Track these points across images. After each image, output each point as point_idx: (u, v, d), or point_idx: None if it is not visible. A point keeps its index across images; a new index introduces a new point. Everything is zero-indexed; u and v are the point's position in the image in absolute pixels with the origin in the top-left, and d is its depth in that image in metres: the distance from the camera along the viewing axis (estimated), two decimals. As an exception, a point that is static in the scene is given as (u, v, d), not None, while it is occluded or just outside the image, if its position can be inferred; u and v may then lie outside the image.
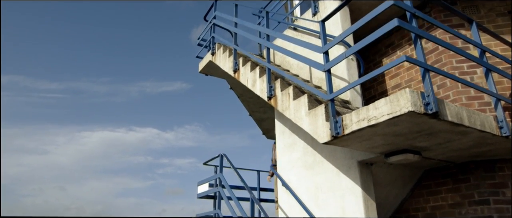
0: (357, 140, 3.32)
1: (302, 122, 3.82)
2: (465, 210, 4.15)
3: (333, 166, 4.45)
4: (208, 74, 7.13)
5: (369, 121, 2.92)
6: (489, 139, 3.34)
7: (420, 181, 4.70)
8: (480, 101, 4.34)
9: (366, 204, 4.02)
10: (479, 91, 4.34)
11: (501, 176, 4.07)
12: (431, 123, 2.86)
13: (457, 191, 4.27)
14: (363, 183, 4.10)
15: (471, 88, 4.43)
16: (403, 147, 3.61)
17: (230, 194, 4.80)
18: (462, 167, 4.27)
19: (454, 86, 4.47)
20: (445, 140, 3.35)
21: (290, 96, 4.13)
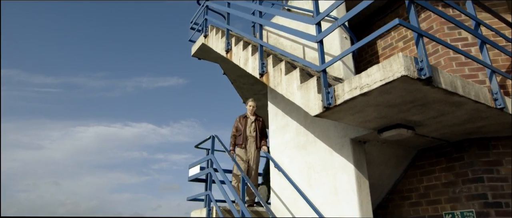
0: (349, 111, 3.25)
1: (294, 97, 3.74)
2: (458, 188, 4.09)
3: (326, 145, 4.38)
4: (200, 58, 7.02)
5: (361, 89, 2.85)
6: (484, 111, 3.28)
7: (413, 161, 4.64)
8: (475, 80, 4.28)
9: (358, 182, 3.96)
10: (474, 70, 4.30)
11: (495, 154, 4.02)
12: (424, 90, 2.78)
13: (450, 169, 4.21)
14: (356, 161, 4.03)
15: (466, 67, 4.37)
16: (396, 122, 3.54)
17: (221, 175, 4.71)
18: (456, 145, 4.21)
19: (448, 65, 4.41)
20: (439, 112, 3.28)
21: (282, 72, 4.04)
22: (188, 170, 5.67)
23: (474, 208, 3.91)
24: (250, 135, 5.71)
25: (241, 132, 5.69)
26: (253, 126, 5.76)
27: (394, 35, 5.32)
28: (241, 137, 5.67)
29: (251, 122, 5.79)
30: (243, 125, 5.74)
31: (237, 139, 5.74)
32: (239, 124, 5.79)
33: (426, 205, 4.39)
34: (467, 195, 4.00)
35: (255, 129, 5.76)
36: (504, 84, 4.20)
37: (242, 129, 5.71)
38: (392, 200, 4.79)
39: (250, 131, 5.74)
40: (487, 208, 3.83)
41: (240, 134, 5.69)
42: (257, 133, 5.73)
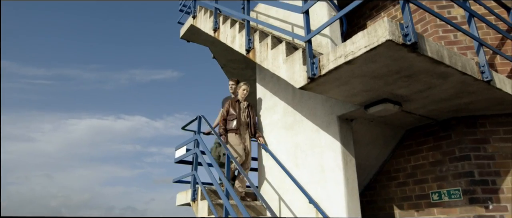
0: (334, 83, 3.18)
1: (280, 70, 3.66)
2: (446, 167, 4.06)
3: (313, 124, 4.32)
4: (189, 41, 6.90)
5: (346, 57, 2.77)
6: (471, 85, 3.23)
7: (401, 141, 4.60)
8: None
9: (345, 160, 3.91)
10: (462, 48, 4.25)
11: (483, 132, 3.98)
12: (410, 58, 2.72)
13: (438, 148, 4.18)
14: (343, 138, 3.97)
15: (455, 46, 4.32)
16: (382, 96, 3.49)
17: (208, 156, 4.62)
18: (444, 124, 4.17)
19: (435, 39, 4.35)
20: (426, 85, 3.22)
21: (268, 47, 3.96)
22: (175, 151, 5.58)
23: (460, 186, 3.88)
24: (244, 121, 5.12)
25: (235, 116, 5.04)
26: (246, 112, 5.17)
27: (383, 16, 5.25)
28: (235, 121, 5.00)
29: (244, 107, 5.20)
30: (236, 109, 5.10)
31: (228, 123, 5.05)
32: (231, 108, 5.13)
33: (413, 184, 4.36)
34: (454, 174, 3.97)
35: (248, 115, 5.17)
36: (493, 63, 4.16)
37: (235, 113, 5.06)
38: (380, 181, 4.76)
39: (244, 116, 5.14)
40: (474, 186, 3.80)
41: (234, 118, 5.02)
42: (250, 121, 5.15)
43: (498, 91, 3.37)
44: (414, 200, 4.31)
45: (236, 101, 5.21)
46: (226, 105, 5.21)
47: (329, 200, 3.90)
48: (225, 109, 5.16)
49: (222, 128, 5.04)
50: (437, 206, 4.07)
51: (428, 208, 4.14)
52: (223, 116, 5.10)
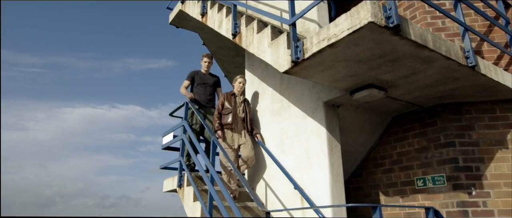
0: (318, 67, 3.14)
1: (265, 54, 3.62)
2: (431, 153, 4.07)
3: (300, 110, 4.30)
4: (178, 26, 6.81)
5: (329, 40, 2.74)
6: (455, 70, 3.21)
7: (388, 128, 4.60)
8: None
9: (330, 146, 3.90)
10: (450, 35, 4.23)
11: (468, 119, 3.99)
12: (393, 42, 2.68)
13: (423, 135, 4.18)
14: (328, 124, 3.96)
15: (443, 33, 4.30)
16: (368, 81, 3.46)
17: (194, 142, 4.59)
18: (430, 110, 4.17)
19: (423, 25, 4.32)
20: (410, 70, 3.20)
21: (254, 31, 3.91)
22: (162, 138, 5.54)
23: (444, 172, 3.90)
24: (240, 117, 4.77)
25: (230, 110, 4.68)
26: (242, 107, 4.82)
27: None
28: (230, 116, 4.65)
29: (240, 101, 4.85)
30: (231, 103, 4.75)
31: (223, 118, 4.72)
32: (227, 102, 4.77)
33: (398, 171, 4.37)
34: (438, 160, 3.98)
35: (244, 110, 4.82)
36: (480, 49, 4.14)
37: (230, 107, 4.71)
38: (366, 168, 4.77)
39: (239, 111, 4.79)
40: (458, 172, 3.82)
41: (229, 113, 4.68)
42: (246, 116, 4.79)
43: (483, 77, 3.36)
44: (399, 187, 4.33)
45: (231, 95, 4.86)
46: (221, 98, 4.87)
47: (313, 185, 3.90)
48: (220, 102, 4.82)
49: (218, 122, 4.70)
50: (421, 192, 4.09)
51: (413, 194, 4.17)
52: (218, 110, 4.79)
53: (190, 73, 5.44)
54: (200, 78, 5.40)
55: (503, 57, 4.03)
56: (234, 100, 4.81)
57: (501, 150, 3.83)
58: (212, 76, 5.56)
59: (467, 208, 3.69)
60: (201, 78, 5.41)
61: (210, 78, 5.49)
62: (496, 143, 3.86)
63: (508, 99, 3.95)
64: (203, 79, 5.41)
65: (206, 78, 5.45)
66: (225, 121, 4.68)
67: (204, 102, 5.30)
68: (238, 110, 4.78)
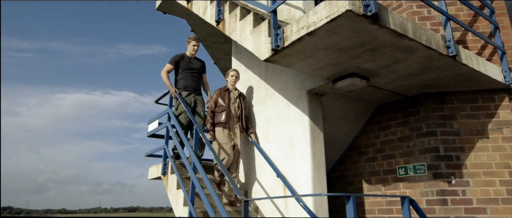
0: (299, 56, 3.11)
1: (247, 42, 3.58)
2: (413, 142, 4.09)
3: (284, 98, 4.29)
4: (166, 12, 6.70)
5: (308, 28, 2.70)
6: (436, 60, 3.20)
7: (372, 117, 4.61)
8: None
9: (313, 134, 3.90)
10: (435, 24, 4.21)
11: (450, 108, 4.00)
12: (372, 31, 2.66)
13: (406, 124, 4.20)
14: (312, 112, 3.95)
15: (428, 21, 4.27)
16: (349, 70, 3.45)
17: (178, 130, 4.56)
18: (413, 100, 4.17)
19: (411, 19, 4.30)
20: (391, 59, 3.19)
21: (237, 18, 3.85)
22: (148, 125, 5.51)
23: (425, 161, 3.93)
24: (235, 114, 4.50)
25: (224, 107, 4.42)
26: (237, 103, 4.54)
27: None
28: (223, 113, 4.38)
29: (234, 97, 4.56)
30: (225, 100, 4.47)
31: (217, 116, 4.45)
32: (220, 98, 4.49)
33: (381, 159, 4.40)
34: (420, 149, 4.01)
35: (239, 106, 4.54)
36: (464, 39, 4.13)
37: (224, 104, 4.43)
38: (350, 156, 4.79)
39: (234, 108, 4.50)
40: (438, 161, 3.85)
41: (223, 110, 4.41)
42: (242, 112, 4.52)
43: (464, 67, 3.36)
44: (381, 175, 4.36)
45: (225, 90, 4.56)
46: (214, 95, 4.59)
47: (296, 173, 3.92)
48: (213, 99, 4.54)
49: (210, 121, 4.43)
50: (403, 180, 4.12)
51: (395, 182, 4.20)
52: (211, 108, 4.52)
53: (174, 58, 4.98)
54: (187, 64, 4.99)
55: (486, 47, 4.03)
56: (228, 96, 4.52)
57: (482, 140, 3.86)
58: (198, 61, 5.17)
59: (446, 196, 3.74)
60: (188, 63, 5.00)
61: (196, 63, 5.09)
62: (477, 133, 3.89)
63: (491, 89, 3.97)
64: (189, 65, 5.01)
65: (193, 63, 5.05)
66: (219, 119, 4.40)
67: (192, 89, 4.94)
68: (233, 107, 4.50)
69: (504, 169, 3.73)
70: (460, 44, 4.04)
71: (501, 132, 3.85)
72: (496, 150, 3.80)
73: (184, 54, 5.05)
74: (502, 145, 3.80)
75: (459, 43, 4.08)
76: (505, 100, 3.93)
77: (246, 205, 2.93)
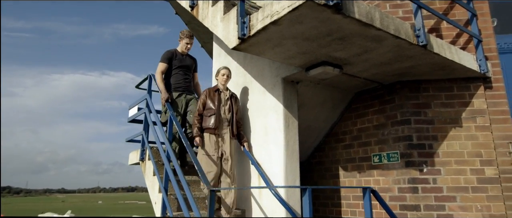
0: (267, 44, 3.07)
1: (217, 29, 3.52)
2: (387, 130, 4.10)
3: (260, 85, 4.26)
4: (147, -5, 6.55)
5: (271, 17, 2.65)
6: (407, 49, 3.17)
7: (350, 104, 4.59)
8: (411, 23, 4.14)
9: (286, 122, 3.89)
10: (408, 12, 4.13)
11: (425, 96, 3.99)
12: (337, 20, 2.61)
13: (382, 112, 4.19)
14: (286, 100, 3.93)
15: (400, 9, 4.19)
16: (321, 59, 3.41)
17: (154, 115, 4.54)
18: (389, 88, 4.15)
19: (382, 6, 4.23)
20: (361, 48, 3.15)
21: (209, 4, 3.78)
22: (128, 110, 5.49)
23: (399, 149, 3.95)
24: (225, 117, 4.03)
25: (213, 111, 3.99)
26: (229, 105, 4.10)
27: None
28: (212, 117, 3.96)
29: (225, 98, 4.12)
30: (215, 102, 4.03)
31: (205, 120, 4.01)
32: (209, 100, 4.06)
33: (357, 147, 4.41)
34: (394, 137, 4.01)
35: (230, 108, 4.10)
36: (438, 27, 4.08)
37: (214, 107, 4.01)
38: (328, 143, 4.81)
39: (224, 111, 4.05)
40: (411, 149, 3.87)
41: (212, 114, 3.98)
42: (233, 115, 4.08)
43: (436, 56, 3.32)
44: (357, 162, 4.39)
45: (215, 91, 4.13)
46: (202, 96, 4.15)
47: (270, 161, 3.93)
48: (201, 101, 4.09)
49: (197, 126, 4.00)
50: (377, 168, 4.15)
51: (369, 170, 4.23)
52: (198, 111, 4.07)
53: (166, 55, 4.54)
54: (179, 61, 4.58)
55: (462, 35, 3.98)
56: (218, 97, 4.08)
57: (455, 128, 3.87)
58: (190, 58, 4.76)
59: (417, 184, 3.77)
60: (180, 61, 4.58)
61: (188, 60, 4.69)
62: (451, 121, 3.89)
63: (467, 78, 3.95)
64: (182, 62, 4.59)
65: (185, 60, 4.64)
66: (207, 124, 3.97)
67: (182, 89, 4.54)
68: (223, 109, 4.06)
69: (476, 157, 3.75)
70: (433, 33, 4.00)
71: (475, 121, 3.85)
72: (469, 139, 3.81)
73: (176, 51, 4.66)
74: (475, 134, 3.81)
75: (432, 32, 4.03)
76: (480, 89, 3.92)
77: (212, 194, 2.94)
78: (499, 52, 4.10)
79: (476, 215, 3.62)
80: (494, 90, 3.94)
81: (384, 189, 4.03)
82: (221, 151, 3.98)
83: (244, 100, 4.50)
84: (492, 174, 3.68)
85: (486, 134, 3.79)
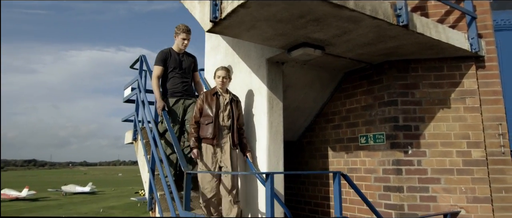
0: (241, 27, 3.01)
1: (195, 11, 3.46)
2: (375, 111, 4.03)
3: (247, 66, 4.22)
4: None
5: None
6: (388, 29, 3.06)
7: (340, 84, 4.52)
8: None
9: (270, 104, 3.87)
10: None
11: (413, 77, 3.88)
12: (307, 2, 2.53)
13: (370, 92, 4.11)
14: (270, 82, 3.90)
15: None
16: (301, 40, 3.34)
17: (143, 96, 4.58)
18: (378, 68, 4.05)
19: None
20: (340, 30, 3.06)
21: (189, -16, 3.70)
22: (123, 91, 5.56)
23: (385, 131, 3.89)
24: (224, 125, 3.66)
25: (211, 118, 3.60)
26: (228, 111, 3.69)
27: None
28: (210, 126, 3.57)
29: (225, 102, 3.71)
30: (212, 108, 3.63)
31: (202, 129, 3.63)
32: (206, 105, 3.65)
33: (346, 127, 4.38)
34: (380, 118, 3.95)
35: (230, 114, 3.69)
36: (424, 5, 3.90)
37: (211, 114, 3.60)
38: (319, 123, 4.78)
39: (223, 117, 3.65)
40: (396, 131, 3.81)
41: (209, 122, 3.59)
42: (233, 121, 3.68)
43: (420, 36, 3.20)
44: (345, 143, 4.36)
45: (213, 94, 3.71)
46: (198, 100, 3.74)
47: (255, 143, 3.95)
48: (198, 106, 3.69)
49: (194, 136, 3.60)
50: (363, 149, 4.12)
51: (356, 150, 4.21)
52: (195, 118, 3.68)
53: (161, 56, 4.11)
54: (175, 61, 4.15)
55: (452, 13, 3.81)
56: (216, 102, 3.67)
57: (443, 109, 3.77)
58: (188, 56, 4.33)
59: (401, 166, 3.74)
60: (176, 61, 4.15)
61: (186, 59, 4.27)
62: (439, 102, 3.79)
63: (457, 57, 3.81)
64: (178, 62, 4.17)
65: (183, 60, 4.22)
66: (204, 134, 3.59)
67: (180, 93, 4.15)
68: (222, 116, 3.66)
69: (463, 139, 3.67)
70: (418, 11, 3.84)
71: (464, 101, 3.74)
72: (457, 120, 3.72)
73: (171, 50, 4.22)
74: (463, 115, 3.72)
75: (417, 10, 3.86)
76: (471, 69, 3.78)
77: (188, 176, 3.00)
78: (495, 30, 3.92)
79: (460, 197, 3.59)
80: (487, 70, 3.80)
81: (369, 170, 4.02)
82: (219, 164, 3.60)
83: (233, 81, 4.48)
84: (478, 156, 3.60)
85: (475, 115, 3.69)
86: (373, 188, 3.95)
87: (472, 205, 3.55)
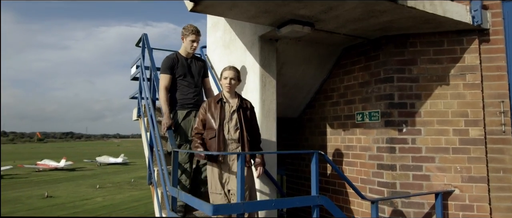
0: (223, 6, 2.99)
1: (182, -10, 3.44)
2: (371, 88, 3.94)
3: (242, 43, 4.20)
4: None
5: (213, -21, 2.55)
6: (376, 4, 2.93)
7: (338, 61, 4.42)
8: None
9: (263, 82, 3.87)
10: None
11: (411, 52, 3.73)
12: (281, -21, 2.46)
13: (367, 69, 4.01)
14: (263, 59, 3.88)
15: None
16: (288, 17, 3.27)
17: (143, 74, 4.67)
18: (375, 43, 3.92)
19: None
20: (325, 6, 2.97)
21: (178, -39, 3.67)
22: (130, 69, 5.69)
23: (380, 108, 3.81)
24: (231, 138, 3.02)
25: (214, 132, 3.00)
26: (235, 120, 3.05)
27: None
28: (213, 141, 2.99)
29: (231, 110, 3.08)
30: (216, 117, 3.03)
31: (206, 143, 3.06)
32: (209, 115, 3.07)
33: (343, 104, 4.31)
34: (376, 95, 3.86)
35: (238, 125, 3.04)
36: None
37: (215, 126, 3.01)
38: (318, 100, 4.73)
39: (229, 129, 3.03)
40: (391, 109, 3.72)
41: (212, 137, 3.01)
42: (243, 133, 3.03)
43: (413, 10, 3.05)
44: (342, 120, 4.32)
45: (217, 102, 3.10)
46: (201, 110, 3.15)
47: (248, 120, 3.98)
48: (200, 117, 3.12)
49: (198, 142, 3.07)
50: (359, 127, 4.07)
51: (353, 128, 4.16)
52: (196, 129, 3.13)
53: (167, 63, 3.59)
54: (183, 68, 3.63)
55: (452, -17, 3.57)
56: (221, 111, 3.05)
57: (441, 86, 3.63)
58: (198, 60, 3.82)
59: (395, 144, 3.67)
60: (184, 68, 3.63)
61: (195, 64, 3.74)
62: (437, 79, 3.64)
63: (459, 31, 3.61)
64: (187, 68, 3.66)
65: (191, 65, 3.71)
66: (208, 148, 3.03)
67: (192, 105, 3.60)
68: (227, 128, 3.03)
69: (460, 117, 3.54)
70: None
71: (464, 78, 3.58)
72: (455, 98, 3.58)
73: (178, 54, 3.69)
74: (462, 92, 3.56)
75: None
76: (474, 43, 3.58)
77: (176, 154, 3.08)
78: (504, 0, 3.66)
79: (455, 176, 3.51)
80: (491, 44, 3.59)
81: (364, 148, 3.98)
82: (227, 187, 2.99)
83: (229, 59, 4.49)
84: (476, 135, 3.48)
85: (475, 92, 3.53)
86: (368, 165, 3.92)
87: (467, 184, 3.46)
